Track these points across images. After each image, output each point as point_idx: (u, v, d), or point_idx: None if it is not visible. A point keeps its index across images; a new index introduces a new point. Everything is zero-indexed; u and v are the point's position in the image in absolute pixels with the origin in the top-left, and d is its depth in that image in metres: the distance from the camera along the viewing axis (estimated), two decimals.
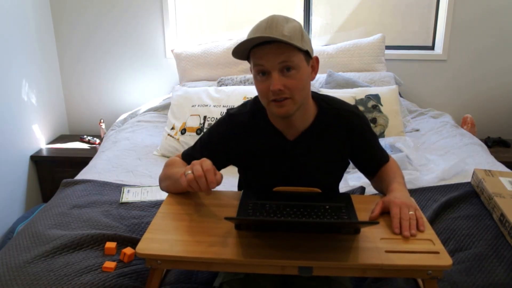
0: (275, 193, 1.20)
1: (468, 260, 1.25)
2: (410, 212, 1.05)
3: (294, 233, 1.03)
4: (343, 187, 1.81)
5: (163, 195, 1.68)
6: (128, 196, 1.67)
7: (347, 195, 1.20)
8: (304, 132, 1.20)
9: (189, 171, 1.03)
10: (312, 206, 1.10)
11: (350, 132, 1.22)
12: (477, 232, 1.36)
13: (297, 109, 1.12)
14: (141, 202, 1.63)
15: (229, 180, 1.91)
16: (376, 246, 0.98)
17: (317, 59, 1.16)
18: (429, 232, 1.04)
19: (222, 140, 1.25)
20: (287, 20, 1.07)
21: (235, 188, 1.46)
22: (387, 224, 1.08)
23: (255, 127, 1.22)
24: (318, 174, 1.24)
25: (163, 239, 1.02)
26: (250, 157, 1.24)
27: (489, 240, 1.32)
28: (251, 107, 1.23)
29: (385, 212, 1.11)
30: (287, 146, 1.20)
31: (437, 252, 0.96)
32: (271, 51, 1.04)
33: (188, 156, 1.29)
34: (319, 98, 1.23)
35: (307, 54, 1.10)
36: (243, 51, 1.10)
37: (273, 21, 1.05)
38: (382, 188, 1.26)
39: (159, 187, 1.76)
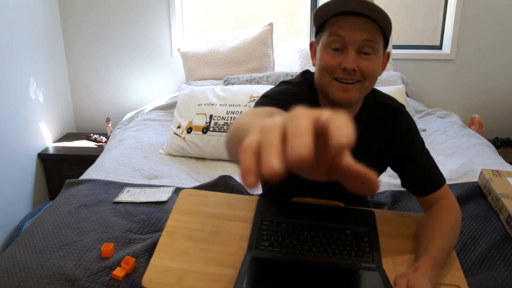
0: (292, 205, 1.09)
1: (473, 262, 1.24)
2: None
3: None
4: None
5: (159, 197, 1.61)
6: (122, 195, 1.63)
7: (371, 213, 1.09)
8: None
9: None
10: (332, 228, 1.01)
11: (392, 131, 1.06)
12: (484, 233, 1.35)
13: (359, 100, 1.00)
14: (132, 203, 1.56)
15: None
16: None
17: (388, 54, 1.04)
18: (458, 274, 0.93)
19: (284, 97, 1.01)
20: None
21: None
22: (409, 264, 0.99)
23: (304, 102, 1.01)
24: None
25: (171, 268, 0.95)
26: None
27: (495, 241, 1.30)
28: (307, 81, 1.07)
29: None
30: None
31: None
32: (357, 23, 0.92)
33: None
34: None
35: (385, 44, 0.99)
36: (323, 16, 0.96)
37: None
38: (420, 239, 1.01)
39: (159, 187, 1.76)
